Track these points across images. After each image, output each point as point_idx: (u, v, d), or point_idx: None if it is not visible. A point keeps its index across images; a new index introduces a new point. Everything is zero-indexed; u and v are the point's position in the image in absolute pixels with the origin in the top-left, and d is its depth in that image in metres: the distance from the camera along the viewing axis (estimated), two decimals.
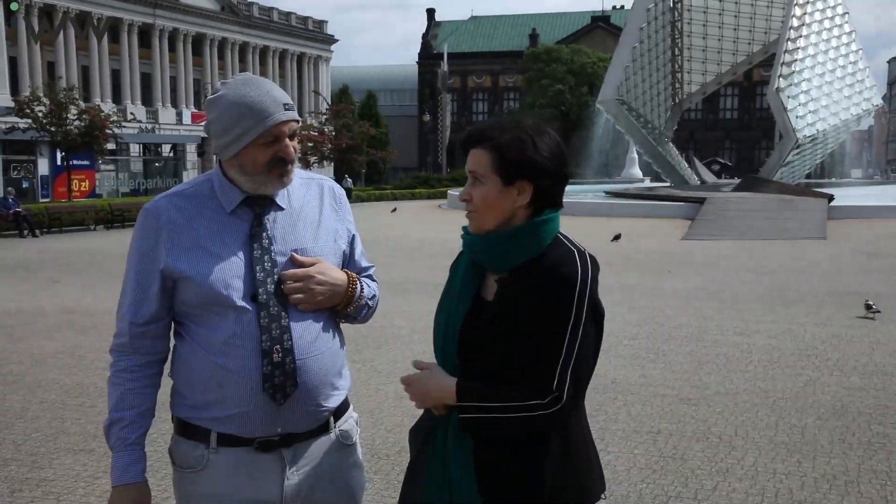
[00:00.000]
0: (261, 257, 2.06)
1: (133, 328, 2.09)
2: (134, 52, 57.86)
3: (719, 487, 4.51)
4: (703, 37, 37.99)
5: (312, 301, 2.07)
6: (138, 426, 2.08)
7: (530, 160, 1.91)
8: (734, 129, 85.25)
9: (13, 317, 10.09)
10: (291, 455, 2.08)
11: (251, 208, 2.09)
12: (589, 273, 1.89)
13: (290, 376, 2.02)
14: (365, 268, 2.28)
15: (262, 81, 2.08)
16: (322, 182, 2.25)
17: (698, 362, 7.40)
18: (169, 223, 2.07)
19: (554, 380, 1.84)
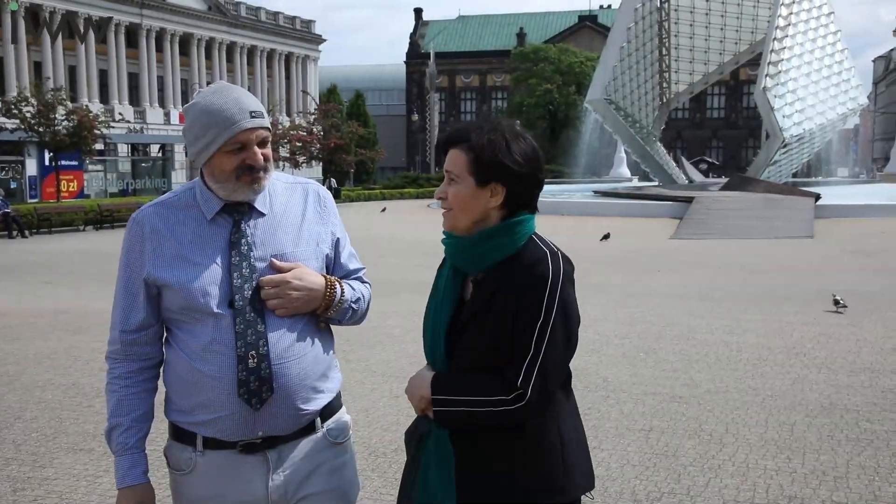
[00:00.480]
0: (239, 263, 2.09)
1: (124, 336, 2.14)
2: (121, 52, 57.68)
3: (711, 484, 4.60)
4: (690, 36, 38.21)
5: (289, 306, 2.08)
6: (136, 430, 2.14)
7: (504, 163, 1.95)
8: (721, 127, 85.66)
9: (7, 317, 10.10)
10: (276, 456, 2.11)
11: (230, 215, 2.12)
12: (560, 273, 1.93)
13: (266, 381, 2.05)
14: (353, 270, 2.29)
15: (232, 89, 2.12)
16: (307, 186, 2.27)
17: (689, 361, 7.50)
18: (152, 233, 2.11)
19: (519, 377, 1.89)
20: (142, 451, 2.15)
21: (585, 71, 68.15)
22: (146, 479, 2.14)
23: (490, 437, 1.95)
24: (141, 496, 2.12)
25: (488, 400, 1.91)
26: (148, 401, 2.18)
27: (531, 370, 1.89)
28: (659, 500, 4.37)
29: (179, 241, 2.11)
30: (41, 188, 37.47)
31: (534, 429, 1.95)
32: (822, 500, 4.35)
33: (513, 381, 1.90)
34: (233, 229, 2.11)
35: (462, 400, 1.93)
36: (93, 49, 55.24)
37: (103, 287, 12.88)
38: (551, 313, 1.90)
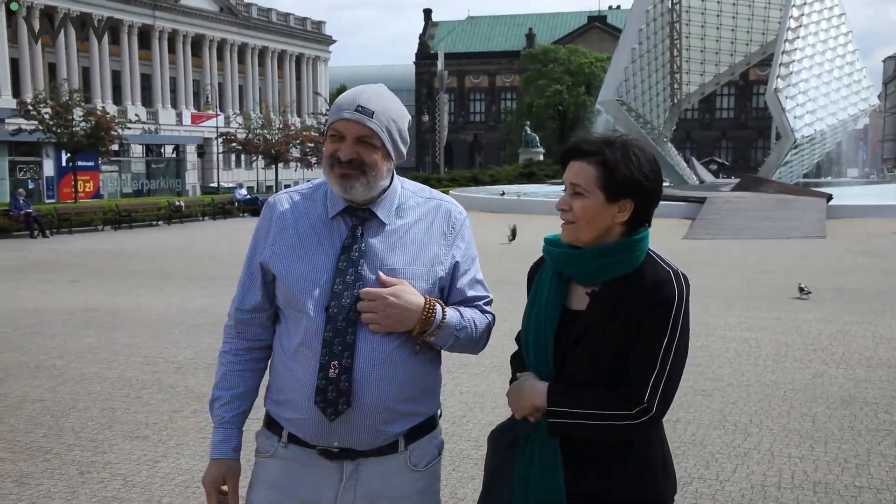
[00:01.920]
0: (344, 269, 2.04)
1: (239, 313, 2.18)
2: (134, 54, 58.15)
3: (738, 470, 4.84)
4: (701, 38, 38.37)
5: (382, 322, 2.02)
6: (234, 407, 2.17)
7: (637, 180, 1.97)
8: (730, 128, 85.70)
9: (41, 314, 10.39)
10: (353, 468, 2.08)
11: (351, 218, 2.09)
12: (685, 294, 1.97)
13: (344, 394, 2.01)
14: (472, 297, 2.19)
15: (366, 86, 2.12)
16: (440, 203, 2.19)
17: (710, 356, 7.73)
18: (279, 218, 2.13)
19: (646, 392, 1.92)
20: (236, 427, 2.18)
21: (595, 72, 68.35)
22: (234, 455, 2.16)
23: (600, 447, 1.98)
24: (226, 470, 2.15)
25: (609, 414, 1.93)
26: (250, 380, 2.20)
27: (657, 386, 1.93)
28: (690, 485, 4.61)
29: (299, 232, 2.10)
30: (58, 188, 37.87)
31: (642, 441, 1.99)
32: (845, 486, 4.59)
33: (638, 396, 1.93)
34: (349, 233, 2.08)
35: (581, 413, 1.94)
36: (106, 50, 55.73)
37: (129, 286, 13.18)
38: (676, 332, 1.94)
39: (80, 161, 34.19)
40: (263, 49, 70.53)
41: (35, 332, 9.22)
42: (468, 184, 47.69)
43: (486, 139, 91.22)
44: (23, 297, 12.06)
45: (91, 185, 38.31)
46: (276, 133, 47.17)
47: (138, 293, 12.23)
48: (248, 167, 61.85)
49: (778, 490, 4.53)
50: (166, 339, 8.68)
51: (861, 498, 4.42)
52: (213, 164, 60.13)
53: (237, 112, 61.71)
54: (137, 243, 21.98)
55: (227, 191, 44.67)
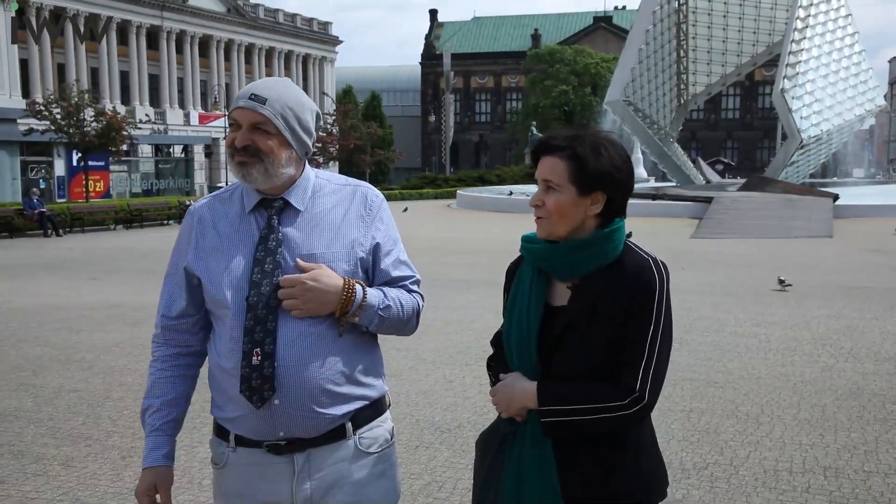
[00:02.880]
0: (262, 259, 2.06)
1: (165, 321, 2.21)
2: (142, 54, 58.45)
3: (752, 456, 5.04)
4: (707, 38, 38.53)
5: (303, 307, 2.02)
6: (164, 414, 2.18)
7: (608, 172, 1.98)
8: (736, 128, 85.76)
9: (64, 311, 10.62)
10: (304, 460, 2.08)
11: (266, 209, 2.12)
12: (665, 279, 1.99)
13: (268, 380, 2.01)
14: (397, 277, 2.20)
15: (265, 79, 2.16)
16: (356, 188, 2.22)
17: (721, 350, 7.94)
18: (199, 224, 2.17)
19: (637, 381, 1.92)
20: (167, 434, 2.18)
21: (601, 72, 68.54)
22: (166, 461, 2.16)
23: (591, 440, 1.97)
24: (157, 478, 2.15)
25: (603, 407, 1.93)
26: (180, 387, 2.21)
27: (647, 374, 1.93)
28: (705, 469, 4.82)
29: (219, 233, 2.14)
30: (69, 188, 38.16)
31: (632, 432, 2.00)
32: (854, 470, 4.79)
33: (630, 386, 1.93)
34: (265, 223, 2.11)
35: (573, 409, 1.94)
36: (115, 51, 56.03)
37: (147, 283, 13.40)
38: (661, 318, 1.96)
39: (91, 161, 34.47)
40: (270, 49, 70.81)
41: (61, 327, 9.45)
42: (475, 184, 47.94)
43: (492, 139, 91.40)
44: (45, 293, 12.29)
45: (101, 184, 38.63)
46: None
47: (156, 290, 12.41)
48: None
49: (790, 474, 4.73)
50: None
51: (870, 482, 4.62)
52: (220, 163, 60.48)
53: None
54: (150, 242, 22.22)
55: None
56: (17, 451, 5.19)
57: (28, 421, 5.83)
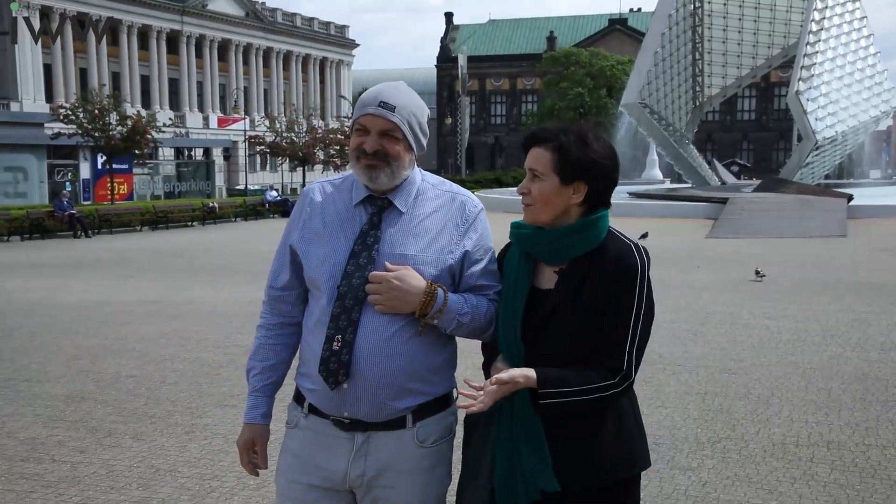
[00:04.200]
0: (359, 252, 2.20)
1: (271, 291, 2.38)
2: (162, 58, 59.36)
3: (761, 432, 5.49)
4: (723, 41, 38.84)
5: (386, 303, 2.15)
6: (265, 377, 2.38)
7: (589, 162, 2.11)
8: (751, 130, 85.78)
9: (108, 306, 11.16)
10: (363, 440, 2.22)
11: (372, 206, 2.26)
12: (646, 263, 2.12)
13: (344, 366, 2.15)
14: (480, 286, 2.30)
15: (387, 84, 2.28)
16: (456, 196, 2.32)
17: (734, 341, 8.37)
18: (310, 205, 2.32)
19: (624, 361, 2.07)
20: (266, 395, 2.38)
21: (616, 74, 68.82)
22: (262, 420, 2.38)
23: (578, 417, 2.09)
24: (254, 433, 2.39)
25: (597, 387, 2.05)
26: (282, 353, 2.39)
27: (632, 353, 2.08)
28: (718, 443, 5.27)
29: (325, 219, 2.28)
30: (94, 191, 38.91)
31: (613, 407, 2.13)
32: (855, 444, 5.23)
33: (617, 365, 2.06)
34: (368, 219, 2.24)
35: (570, 391, 2.05)
36: (136, 55, 56.96)
37: (181, 281, 13.97)
38: (643, 301, 2.09)
39: (115, 164, 35.18)
40: (288, 53, 71.58)
41: (107, 321, 9.99)
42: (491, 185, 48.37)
43: (508, 141, 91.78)
44: (84, 290, 12.85)
45: (125, 187, 39.34)
46: (304, 136, 48.05)
47: (191, 287, 13.00)
48: (273, 170, 62.84)
49: (796, 447, 5.18)
50: (228, 328, 9.40)
51: (868, 453, 5.06)
52: (238, 166, 61.18)
53: (263, 115, 62.72)
54: (177, 242, 22.82)
55: (254, 193, 45.61)
56: (91, 427, 5.71)
57: (95, 402, 6.35)
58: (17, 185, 31.49)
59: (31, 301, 11.66)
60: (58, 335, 9.06)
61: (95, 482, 4.70)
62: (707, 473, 4.75)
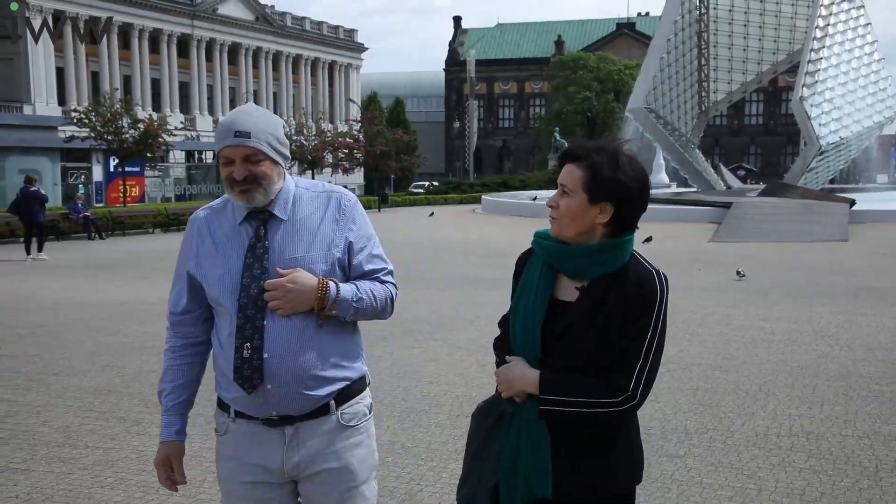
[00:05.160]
0: (251, 265, 2.36)
1: (172, 317, 2.55)
2: (173, 62, 59.95)
3: (746, 424, 5.86)
4: (728, 47, 39.20)
5: (285, 306, 2.31)
6: (174, 396, 2.54)
7: (618, 184, 2.13)
8: (759, 134, 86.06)
9: (125, 305, 11.58)
10: (293, 432, 2.39)
11: (255, 220, 2.41)
12: (666, 291, 2.16)
13: (258, 371, 2.32)
14: (369, 271, 2.47)
15: (237, 111, 2.39)
16: (331, 194, 2.48)
17: (727, 341, 8.73)
18: (198, 232, 2.47)
19: (631, 381, 2.10)
20: (178, 413, 2.55)
21: (624, 79, 69.22)
22: (177, 437, 2.54)
23: (588, 431, 2.16)
24: (169, 450, 2.53)
25: (597, 402, 2.10)
26: (188, 373, 2.55)
27: (641, 376, 2.11)
28: (705, 434, 5.64)
29: (215, 242, 2.43)
30: (106, 193, 39.45)
31: (625, 424, 2.20)
32: (833, 435, 5.59)
33: (623, 385, 2.10)
34: (254, 233, 2.39)
35: (570, 401, 2.10)
36: (146, 59, 57.56)
37: None
38: (658, 327, 2.13)
39: (127, 167, 35.71)
40: (297, 57, 72.14)
41: (126, 319, 10.41)
42: (499, 189, 48.75)
43: (515, 145, 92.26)
44: (102, 290, 13.29)
45: (137, 189, 39.87)
46: (313, 139, 48.53)
47: None
48: None
49: (777, 437, 5.55)
50: None
51: (844, 443, 5.42)
52: None
53: None
54: None
55: None
56: (119, 417, 6.12)
57: (121, 394, 6.76)
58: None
59: (52, 300, 12.10)
60: (80, 332, 9.48)
61: (127, 465, 5.10)
62: (693, 461, 5.12)
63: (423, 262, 16.94)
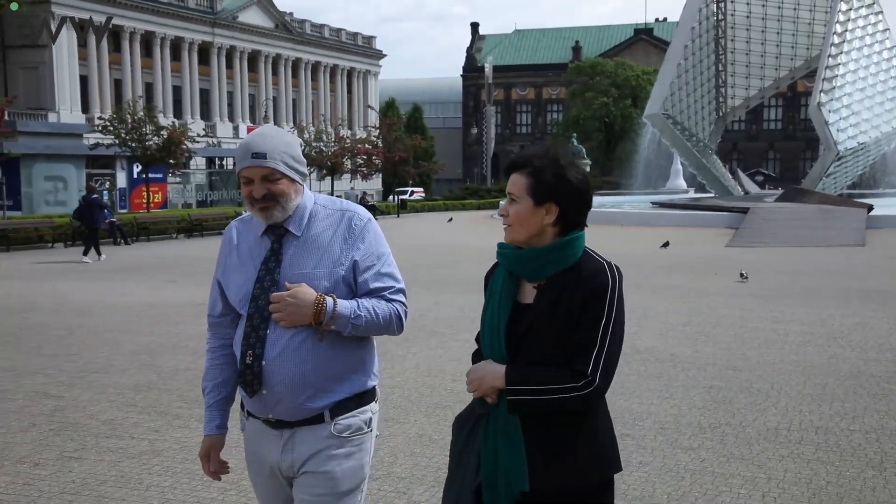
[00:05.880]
0: (263, 277, 2.52)
1: (210, 319, 2.73)
2: (194, 69, 60.60)
3: (758, 420, 6.12)
4: (746, 53, 39.36)
5: (286, 318, 2.44)
6: (214, 394, 2.71)
7: (559, 185, 2.29)
8: (778, 139, 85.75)
9: (157, 307, 11.95)
10: (289, 435, 2.55)
11: (272, 234, 2.57)
12: (617, 280, 2.28)
13: (258, 377, 2.48)
14: (375, 289, 2.56)
15: (255, 133, 2.55)
16: (344, 213, 2.60)
17: (742, 342, 8.98)
18: (228, 242, 2.67)
19: (589, 367, 2.22)
20: (218, 409, 2.71)
21: (641, 84, 69.32)
22: (217, 431, 2.71)
23: (556, 421, 2.27)
24: (210, 443, 2.72)
25: (560, 388, 2.22)
26: (226, 371, 2.68)
27: (598, 361, 2.23)
28: (718, 428, 5.91)
29: (240, 253, 2.61)
30: (130, 199, 40.05)
31: (590, 412, 2.30)
32: (841, 429, 5.85)
33: (583, 370, 2.22)
34: (270, 247, 2.55)
35: (534, 389, 2.22)
36: (168, 67, 58.26)
37: None
38: (612, 314, 2.25)
39: (150, 173, 36.27)
40: (316, 64, 72.71)
41: (159, 320, 10.78)
42: None
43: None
44: (132, 293, 13.67)
45: (160, 195, 40.47)
46: (332, 145, 48.99)
47: None
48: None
49: (787, 431, 5.81)
50: None
51: (851, 437, 5.68)
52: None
53: (292, 125, 63.87)
54: (214, 249, 23.49)
55: None
56: (160, 411, 6.46)
57: (160, 391, 7.11)
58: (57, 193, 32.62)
59: (86, 302, 12.50)
60: (116, 333, 9.85)
61: (172, 455, 5.44)
62: (706, 452, 5.40)
63: (444, 266, 17.28)
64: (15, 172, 30.72)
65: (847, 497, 4.65)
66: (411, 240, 25.00)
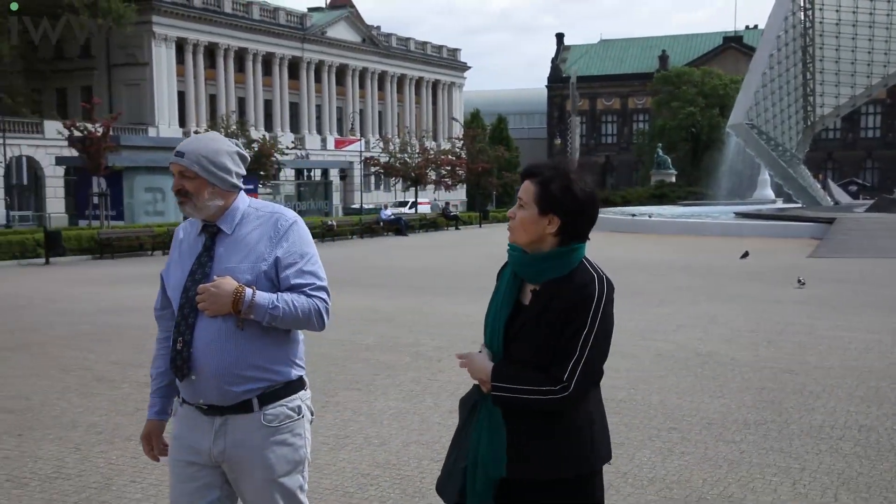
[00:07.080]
0: (195, 271, 2.71)
1: (155, 312, 2.95)
2: (284, 84, 62.59)
3: (804, 418, 6.39)
4: (835, 60, 38.53)
5: (209, 307, 2.62)
6: (158, 381, 2.92)
7: (563, 199, 2.40)
8: (876, 147, 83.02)
9: None
10: (221, 422, 2.69)
11: (206, 232, 2.77)
12: (605, 293, 2.39)
13: (187, 362, 2.66)
14: (296, 285, 2.69)
15: (191, 136, 2.85)
16: (273, 214, 2.77)
17: (803, 348, 9.16)
18: (175, 240, 2.89)
19: (566, 373, 2.33)
20: (160, 396, 2.92)
21: (729, 93, 68.12)
22: (156, 416, 2.92)
23: (535, 417, 2.40)
24: (150, 428, 2.93)
25: (538, 390, 2.35)
26: (168, 361, 2.81)
27: (575, 369, 2.34)
28: (763, 425, 6.21)
29: (180, 250, 2.83)
30: None
31: (569, 412, 2.41)
32: (885, 428, 6.09)
33: (559, 376, 2.34)
34: (204, 244, 2.75)
35: (517, 388, 2.37)
36: (259, 81, 60.37)
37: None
38: (594, 325, 2.35)
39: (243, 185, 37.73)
40: (402, 76, 74.07)
41: None
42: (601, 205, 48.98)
43: (618, 161, 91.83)
44: None
45: None
46: (416, 157, 49.93)
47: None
48: (387, 189, 65.23)
49: (831, 429, 6.08)
50: (349, 329, 10.69)
51: (893, 435, 5.91)
52: (353, 186, 63.79)
53: (378, 137, 65.22)
54: None
55: (369, 212, 47.74)
56: None
57: None
58: (156, 204, 34.16)
59: None
60: None
61: None
62: (746, 445, 5.72)
63: None
64: (118, 184, 32.33)
65: (875, 486, 4.93)
66: (489, 248, 25.42)
